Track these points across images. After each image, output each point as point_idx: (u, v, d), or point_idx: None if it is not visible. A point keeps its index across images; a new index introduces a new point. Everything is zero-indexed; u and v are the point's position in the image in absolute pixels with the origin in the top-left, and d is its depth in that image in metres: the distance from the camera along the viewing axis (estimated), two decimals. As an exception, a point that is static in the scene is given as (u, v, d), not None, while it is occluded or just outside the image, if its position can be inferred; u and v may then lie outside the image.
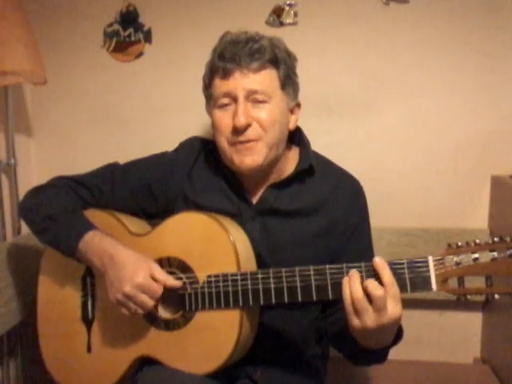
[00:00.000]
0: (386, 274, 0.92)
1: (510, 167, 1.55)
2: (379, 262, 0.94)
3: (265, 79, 1.10)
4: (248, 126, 1.09)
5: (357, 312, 0.92)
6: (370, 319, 0.91)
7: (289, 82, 1.15)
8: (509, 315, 1.46)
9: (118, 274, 1.07)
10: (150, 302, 1.06)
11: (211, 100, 1.16)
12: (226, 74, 1.10)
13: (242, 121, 1.07)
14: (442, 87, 1.58)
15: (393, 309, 0.91)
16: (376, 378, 1.53)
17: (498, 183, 1.56)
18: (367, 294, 0.91)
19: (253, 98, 1.09)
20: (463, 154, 1.60)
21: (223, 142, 1.13)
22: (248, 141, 1.09)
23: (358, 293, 0.92)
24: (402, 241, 1.60)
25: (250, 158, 1.10)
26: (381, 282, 0.92)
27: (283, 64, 1.13)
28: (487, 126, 1.58)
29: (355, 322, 0.93)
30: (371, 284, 0.91)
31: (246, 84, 1.09)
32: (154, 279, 1.07)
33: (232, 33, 1.14)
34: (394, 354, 1.08)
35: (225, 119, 1.11)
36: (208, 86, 1.16)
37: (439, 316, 1.68)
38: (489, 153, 1.59)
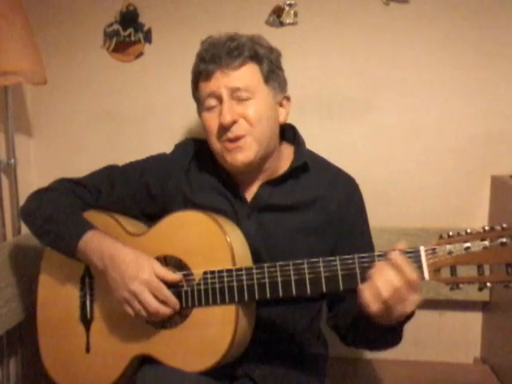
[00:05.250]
0: (408, 269, 0.91)
1: (510, 167, 1.55)
2: (399, 253, 0.94)
3: (246, 75, 1.12)
4: (234, 122, 1.11)
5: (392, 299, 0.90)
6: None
7: (273, 77, 1.17)
8: (509, 315, 1.45)
9: (122, 272, 1.07)
10: (155, 303, 1.06)
11: (200, 104, 1.19)
12: (208, 76, 1.13)
13: (227, 118, 1.10)
14: (442, 87, 1.58)
15: None
16: (376, 378, 1.53)
17: (498, 183, 1.56)
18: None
19: (237, 95, 1.12)
20: (463, 153, 1.60)
21: (214, 143, 1.16)
22: (236, 138, 1.12)
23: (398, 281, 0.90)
24: (402, 241, 1.59)
25: (241, 154, 1.12)
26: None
27: (265, 59, 1.15)
28: (487, 126, 1.58)
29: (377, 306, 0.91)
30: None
31: (228, 82, 1.11)
32: (156, 275, 1.07)
33: (214, 36, 1.17)
34: (394, 353, 1.08)
35: (213, 120, 1.15)
36: (195, 90, 1.20)
37: (439, 316, 1.68)
38: (489, 153, 1.59)
